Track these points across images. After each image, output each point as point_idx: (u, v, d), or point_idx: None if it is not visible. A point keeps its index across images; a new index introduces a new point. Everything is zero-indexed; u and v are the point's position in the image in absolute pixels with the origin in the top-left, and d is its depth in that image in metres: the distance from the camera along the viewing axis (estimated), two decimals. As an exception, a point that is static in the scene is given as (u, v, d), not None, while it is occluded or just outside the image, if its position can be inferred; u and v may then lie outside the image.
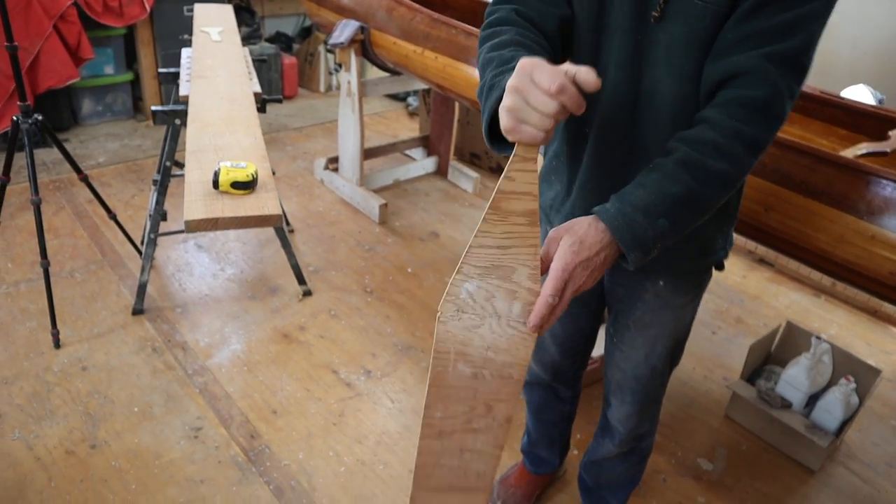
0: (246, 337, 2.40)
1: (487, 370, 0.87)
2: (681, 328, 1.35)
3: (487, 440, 0.90)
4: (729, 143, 0.90)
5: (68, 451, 1.89)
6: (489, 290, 0.83)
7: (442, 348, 0.85)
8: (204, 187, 1.52)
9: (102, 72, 3.98)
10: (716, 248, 1.22)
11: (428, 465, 0.91)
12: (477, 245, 0.82)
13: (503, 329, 0.85)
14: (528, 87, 0.77)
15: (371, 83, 3.24)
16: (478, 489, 0.93)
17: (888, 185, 1.47)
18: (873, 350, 2.68)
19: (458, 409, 0.88)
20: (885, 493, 2.02)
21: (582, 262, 0.88)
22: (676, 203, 0.90)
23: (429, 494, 0.93)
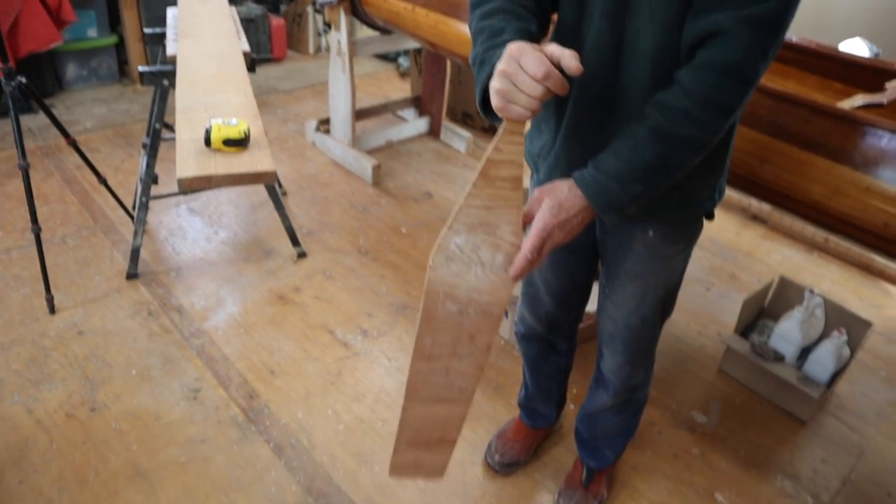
0: (241, 299, 2.40)
1: (472, 308, 0.99)
2: (672, 278, 1.36)
3: (470, 363, 1.05)
4: (700, 110, 0.95)
5: (68, 415, 1.90)
6: (475, 242, 0.95)
7: (432, 290, 0.97)
8: (196, 145, 1.50)
9: (86, 35, 3.90)
10: (703, 199, 1.21)
11: (418, 382, 1.06)
12: (466, 205, 0.93)
13: (487, 275, 0.97)
14: (516, 71, 0.85)
15: (361, 42, 3.19)
16: (460, 401, 1.10)
17: (884, 135, 1.47)
18: (865, 304, 2.71)
19: (445, 338, 1.01)
20: (873, 442, 2.07)
21: (560, 223, 0.99)
22: (648, 169, 0.98)
23: (418, 405, 1.09)
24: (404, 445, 1.15)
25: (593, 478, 1.76)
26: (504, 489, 1.80)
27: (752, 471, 1.93)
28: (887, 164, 1.46)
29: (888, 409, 2.20)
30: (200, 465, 1.79)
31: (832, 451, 2.02)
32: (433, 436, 1.13)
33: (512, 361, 2.23)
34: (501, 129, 0.90)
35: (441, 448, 1.16)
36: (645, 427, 2.03)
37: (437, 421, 1.11)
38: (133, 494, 1.70)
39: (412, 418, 1.10)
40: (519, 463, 1.85)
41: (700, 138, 0.97)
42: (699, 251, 2.94)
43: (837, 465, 1.97)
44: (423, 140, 3.75)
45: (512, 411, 2.03)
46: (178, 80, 1.82)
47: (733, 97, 0.95)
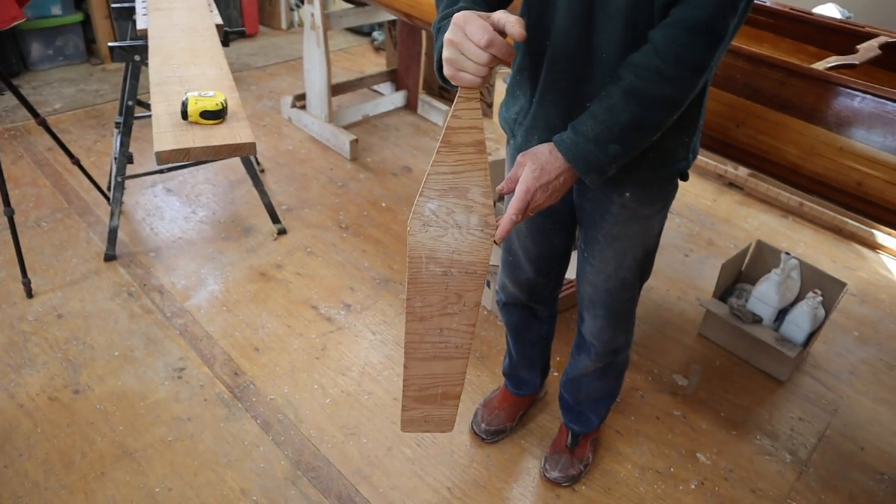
0: (223, 277, 2.38)
1: (455, 268, 1.03)
2: (649, 239, 1.38)
3: (461, 320, 1.09)
4: (672, 69, 0.97)
5: (51, 398, 1.88)
6: (449, 206, 0.98)
7: (414, 255, 1.01)
8: (172, 119, 1.48)
9: (49, 12, 3.79)
10: (676, 158, 1.23)
11: (414, 342, 1.10)
12: (434, 172, 0.95)
13: (464, 236, 1.00)
14: (462, 40, 0.87)
15: (335, 15, 3.14)
16: (457, 357, 1.14)
17: (857, 95, 1.49)
18: (838, 266, 2.76)
19: (434, 299, 1.05)
20: (847, 399, 2.13)
21: (542, 185, 1.03)
22: (625, 130, 1.01)
23: (418, 363, 1.14)
24: (411, 402, 1.21)
25: (578, 442, 1.79)
26: (491, 456, 1.83)
27: (733, 430, 1.97)
28: (860, 124, 1.48)
29: (861, 367, 2.26)
30: (188, 443, 1.79)
31: (808, 409, 2.07)
32: (437, 391, 1.19)
33: (495, 331, 2.25)
34: (457, 97, 0.92)
35: (446, 402, 1.22)
36: (628, 391, 2.06)
37: (438, 377, 1.17)
38: (121, 474, 1.69)
39: (414, 376, 1.16)
40: (505, 430, 1.88)
41: (674, 97, 0.99)
42: (677, 218, 2.97)
43: (814, 423, 2.03)
44: (400, 114, 3.72)
45: (496, 380, 2.05)
46: (151, 53, 1.78)
47: (704, 54, 0.97)
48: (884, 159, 1.45)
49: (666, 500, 1.75)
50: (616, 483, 1.79)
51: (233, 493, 1.67)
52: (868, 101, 1.48)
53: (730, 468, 1.85)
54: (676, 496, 1.77)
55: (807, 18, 2.12)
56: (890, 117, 1.45)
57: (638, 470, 1.83)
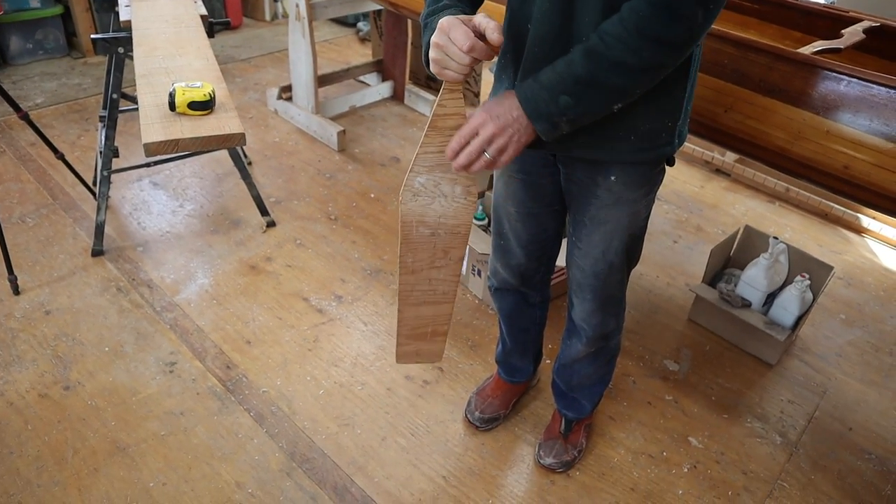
0: (212, 271, 2.37)
1: (442, 230, 1.17)
2: (636, 223, 1.38)
3: (448, 272, 1.25)
4: (632, 37, 0.99)
5: (41, 395, 1.87)
6: (436, 179, 1.12)
7: (406, 219, 1.15)
8: (160, 110, 1.46)
9: (28, 5, 3.73)
10: (660, 142, 1.23)
11: (406, 291, 1.26)
12: (423, 152, 1.10)
13: (450, 203, 1.15)
14: (447, 43, 0.99)
15: (320, 5, 3.11)
16: (444, 301, 1.30)
17: (843, 79, 1.50)
18: (824, 251, 2.79)
19: (423, 255, 1.20)
20: (835, 381, 2.15)
21: (493, 115, 1.07)
22: (578, 83, 1.03)
23: (410, 307, 1.30)
24: (404, 339, 1.37)
25: (572, 428, 1.80)
26: (485, 444, 1.84)
27: (724, 414, 1.99)
28: (846, 107, 1.50)
29: (848, 349, 2.29)
30: (181, 437, 1.78)
31: (797, 392, 2.10)
32: (426, 330, 1.36)
33: (487, 320, 2.25)
34: (443, 89, 1.05)
35: (435, 338, 1.39)
36: (619, 377, 2.08)
37: (427, 318, 1.33)
38: (115, 470, 1.68)
39: (407, 318, 1.32)
40: (499, 418, 1.88)
41: (629, 64, 1.00)
42: (665, 205, 2.99)
43: (803, 405, 2.05)
44: (387, 104, 3.71)
45: (489, 369, 2.06)
46: (136, 45, 1.76)
47: (664, 28, 0.98)
48: (870, 142, 1.47)
49: (659, 484, 1.77)
50: (609, 468, 1.80)
51: (228, 486, 1.67)
52: (854, 85, 1.49)
53: (721, 451, 1.87)
54: (669, 480, 1.78)
55: (792, 4, 2.12)
56: (875, 101, 1.46)
57: (631, 455, 1.85)
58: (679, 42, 1.00)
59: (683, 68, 1.16)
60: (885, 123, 1.44)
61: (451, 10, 1.09)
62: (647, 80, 1.05)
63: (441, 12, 1.08)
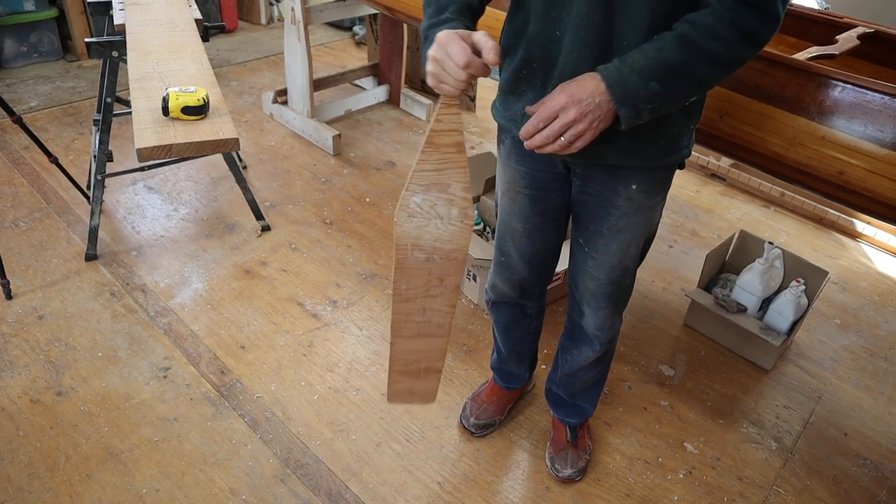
0: (207, 275, 2.36)
1: (437, 255, 1.12)
2: (652, 227, 1.39)
3: (443, 301, 1.18)
4: (725, 29, 1.00)
5: (33, 400, 1.85)
6: (432, 200, 1.07)
7: (401, 243, 1.10)
8: (153, 115, 1.45)
9: (22, 8, 3.72)
10: (681, 146, 1.24)
11: (400, 321, 1.20)
12: (419, 170, 1.05)
13: (445, 227, 1.09)
14: (444, 58, 0.99)
15: (316, 9, 3.11)
16: (439, 335, 1.24)
17: (838, 85, 1.50)
18: (819, 255, 2.79)
19: (418, 282, 1.15)
20: (830, 386, 2.15)
21: (575, 99, 1.02)
22: (670, 70, 1.01)
23: (403, 340, 1.23)
24: (397, 376, 1.30)
25: (578, 433, 1.80)
26: (480, 450, 1.83)
27: (719, 419, 1.99)
28: (841, 113, 1.50)
29: (843, 354, 2.29)
30: (175, 443, 1.77)
31: (793, 397, 2.10)
32: (420, 366, 1.29)
33: (482, 325, 2.25)
34: (440, 104, 1.03)
35: (429, 376, 1.32)
36: (615, 383, 2.07)
37: (421, 353, 1.27)
38: (107, 476, 1.67)
39: (399, 352, 1.25)
40: (494, 424, 1.88)
41: (722, 55, 1.01)
42: (661, 210, 2.98)
43: (798, 410, 2.05)
44: (382, 108, 3.70)
45: (484, 374, 2.05)
46: (130, 49, 1.75)
47: (756, 23, 1.01)
48: (865, 148, 1.47)
49: (655, 490, 1.77)
50: (605, 474, 1.80)
51: (221, 492, 1.66)
52: (849, 91, 1.49)
53: (717, 457, 1.87)
54: (665, 486, 1.78)
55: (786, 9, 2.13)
56: (870, 107, 1.46)
57: (627, 460, 1.84)
58: (764, 39, 1.03)
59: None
60: (880, 129, 1.44)
61: (451, 24, 1.07)
62: (726, 74, 1.06)
63: (441, 25, 1.07)
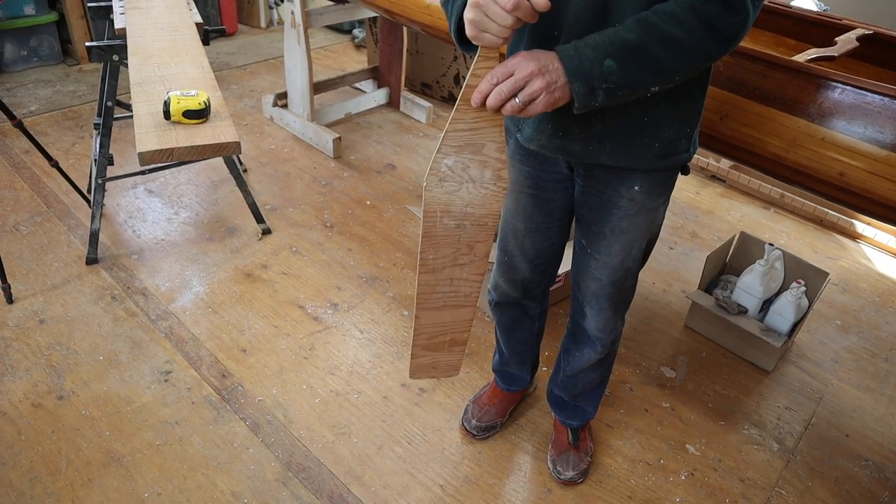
0: (207, 279, 2.36)
1: (468, 221, 1.07)
2: (654, 229, 1.40)
3: (471, 270, 1.14)
4: (684, 14, 0.98)
5: (35, 405, 1.85)
6: (464, 162, 1.01)
7: (430, 209, 1.04)
8: (154, 119, 1.45)
9: (22, 12, 3.72)
10: (680, 149, 1.24)
11: (426, 293, 1.14)
12: (452, 129, 0.98)
13: (478, 190, 1.04)
14: (487, 2, 0.90)
15: (315, 13, 3.11)
16: (466, 305, 1.19)
17: (837, 86, 1.51)
18: (819, 257, 2.80)
19: (446, 251, 1.10)
20: (831, 387, 2.16)
21: (532, 56, 0.97)
22: (626, 48, 0.98)
23: (428, 312, 1.18)
24: (420, 350, 1.25)
25: (579, 436, 1.80)
26: (482, 453, 1.83)
27: (721, 421, 1.99)
28: (841, 115, 1.50)
29: (844, 355, 2.29)
30: (176, 447, 1.77)
31: (794, 398, 2.10)
32: (445, 339, 1.24)
33: (483, 327, 2.25)
34: (477, 56, 0.95)
35: (454, 348, 1.27)
36: (616, 384, 2.07)
37: (447, 325, 1.22)
38: (109, 480, 1.67)
39: (424, 325, 1.20)
40: (496, 426, 1.88)
41: (682, 40, 0.98)
42: (661, 212, 2.99)
43: (800, 411, 2.05)
44: (382, 111, 3.71)
45: (486, 376, 2.05)
46: (131, 53, 1.75)
47: (718, 14, 0.98)
48: (864, 150, 1.47)
49: (656, 492, 1.76)
50: (607, 476, 1.80)
51: (223, 496, 1.66)
52: (848, 93, 1.49)
53: (719, 458, 1.87)
54: (667, 487, 1.78)
55: (785, 11, 2.14)
56: (870, 108, 1.47)
57: (628, 462, 1.84)
58: (731, 32, 1.00)
59: (703, 73, 1.17)
60: (880, 131, 1.45)
61: None
62: (690, 64, 1.02)
63: None
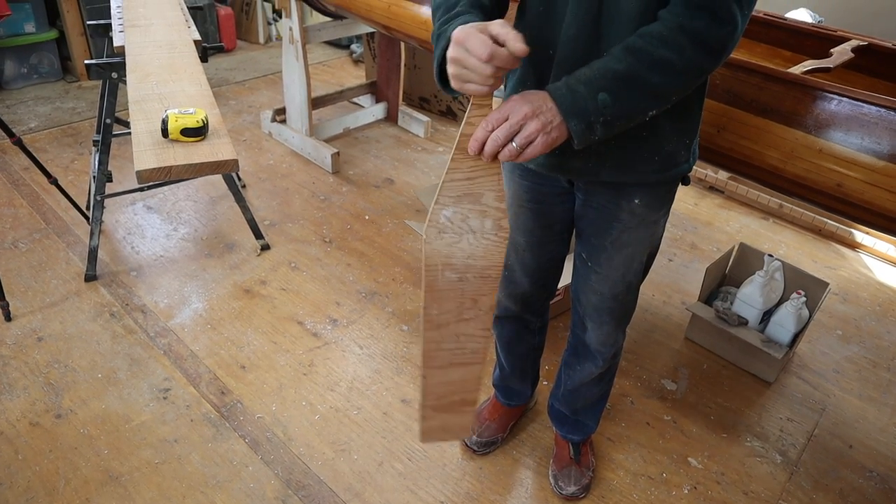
0: (206, 295, 2.35)
1: (470, 273, 1.04)
2: (655, 242, 1.39)
3: (476, 325, 1.10)
4: (672, 35, 0.97)
5: (32, 423, 1.84)
6: (463, 213, 0.99)
7: (430, 263, 1.02)
8: (152, 137, 1.46)
9: (23, 30, 3.75)
10: (679, 161, 1.24)
11: (431, 350, 1.11)
12: (449, 180, 0.97)
13: (479, 241, 1.02)
14: (465, 56, 0.91)
15: (313, 29, 3.13)
16: (474, 362, 1.15)
17: (834, 98, 1.51)
18: (819, 266, 2.79)
19: (450, 305, 1.07)
20: (833, 398, 2.14)
21: (526, 100, 0.96)
22: (618, 79, 0.97)
23: (435, 371, 1.15)
24: (430, 412, 1.21)
25: (581, 450, 1.78)
26: (483, 468, 1.82)
27: (723, 433, 1.98)
28: (838, 126, 1.50)
29: (845, 365, 2.28)
30: (175, 465, 1.75)
31: (796, 410, 2.09)
32: (455, 399, 1.20)
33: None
34: (470, 105, 0.95)
35: (464, 409, 1.22)
36: (617, 398, 2.06)
37: (455, 384, 1.18)
38: (107, 500, 1.66)
39: (432, 385, 1.17)
40: (497, 442, 1.87)
41: (674, 62, 0.97)
42: (660, 223, 2.99)
43: (802, 423, 2.04)
44: (380, 126, 3.72)
45: (486, 392, 2.04)
46: (129, 71, 1.76)
47: (705, 27, 0.97)
48: (862, 160, 1.47)
49: (659, 506, 1.75)
50: (609, 491, 1.78)
51: (222, 514, 1.64)
52: (845, 104, 1.50)
53: (722, 471, 1.86)
54: (670, 501, 1.76)
55: (780, 23, 2.15)
56: (866, 119, 1.47)
57: (630, 476, 1.83)
58: (719, 46, 0.99)
59: (700, 86, 1.17)
60: (877, 142, 1.45)
61: (464, 18, 0.99)
62: (685, 83, 1.01)
63: (454, 20, 0.99)
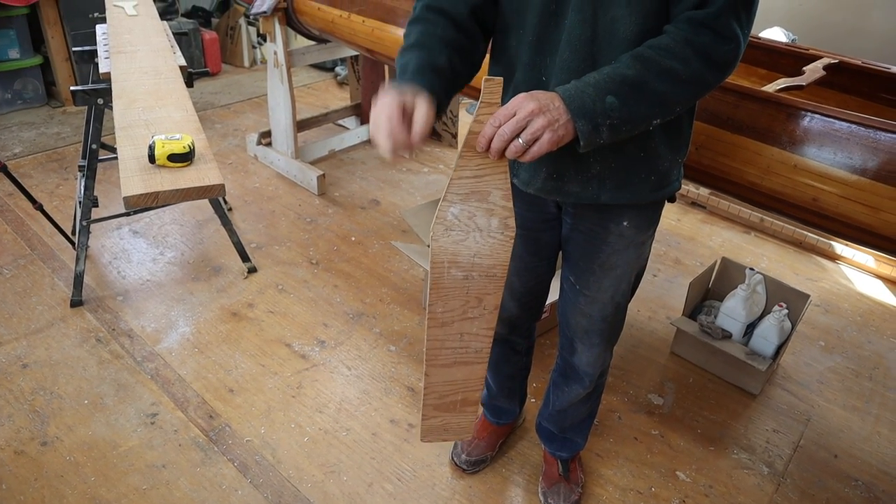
0: (193, 319, 2.35)
1: (476, 272, 1.05)
2: (642, 262, 1.41)
3: (481, 324, 1.11)
4: (679, 47, 1.01)
5: (17, 452, 1.83)
6: (470, 210, 1.00)
7: (437, 260, 1.02)
8: (139, 163, 1.47)
9: (7, 56, 3.75)
10: (671, 180, 1.27)
11: (435, 348, 1.12)
12: (457, 177, 0.98)
13: (485, 239, 1.02)
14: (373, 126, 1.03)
15: (298, 52, 3.17)
16: (477, 362, 1.16)
17: (806, 115, 1.55)
18: (800, 278, 2.84)
19: (455, 304, 1.07)
20: (818, 408, 2.17)
21: (533, 96, 0.96)
22: (626, 84, 0.99)
23: (439, 370, 1.15)
24: (431, 410, 1.21)
25: (570, 467, 1.79)
26: (473, 487, 1.82)
27: (710, 446, 2.00)
28: (811, 142, 1.54)
29: (829, 376, 2.31)
30: (164, 491, 1.74)
31: (782, 421, 2.11)
32: (456, 398, 1.21)
33: (471, 360, 2.25)
34: (480, 102, 0.95)
35: (465, 409, 1.23)
36: (605, 413, 2.08)
37: (458, 383, 1.18)
38: (94, 527, 1.64)
39: (435, 384, 1.17)
40: (486, 460, 1.87)
41: (680, 72, 1.01)
42: (644, 239, 3.02)
43: (788, 434, 2.06)
44: (366, 148, 3.74)
45: (475, 409, 2.05)
46: (116, 97, 1.77)
47: (711, 43, 1.01)
48: (835, 175, 1.51)
49: (649, 521, 1.76)
50: (599, 506, 1.79)
51: (212, 539, 1.63)
52: (817, 121, 1.54)
53: (710, 484, 1.87)
54: (659, 516, 1.77)
55: (756, 43, 2.20)
56: (838, 135, 1.51)
57: (619, 492, 1.84)
58: (725, 60, 1.03)
59: (691, 107, 1.20)
60: (849, 156, 1.49)
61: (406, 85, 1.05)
62: (689, 95, 1.05)
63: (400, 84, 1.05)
